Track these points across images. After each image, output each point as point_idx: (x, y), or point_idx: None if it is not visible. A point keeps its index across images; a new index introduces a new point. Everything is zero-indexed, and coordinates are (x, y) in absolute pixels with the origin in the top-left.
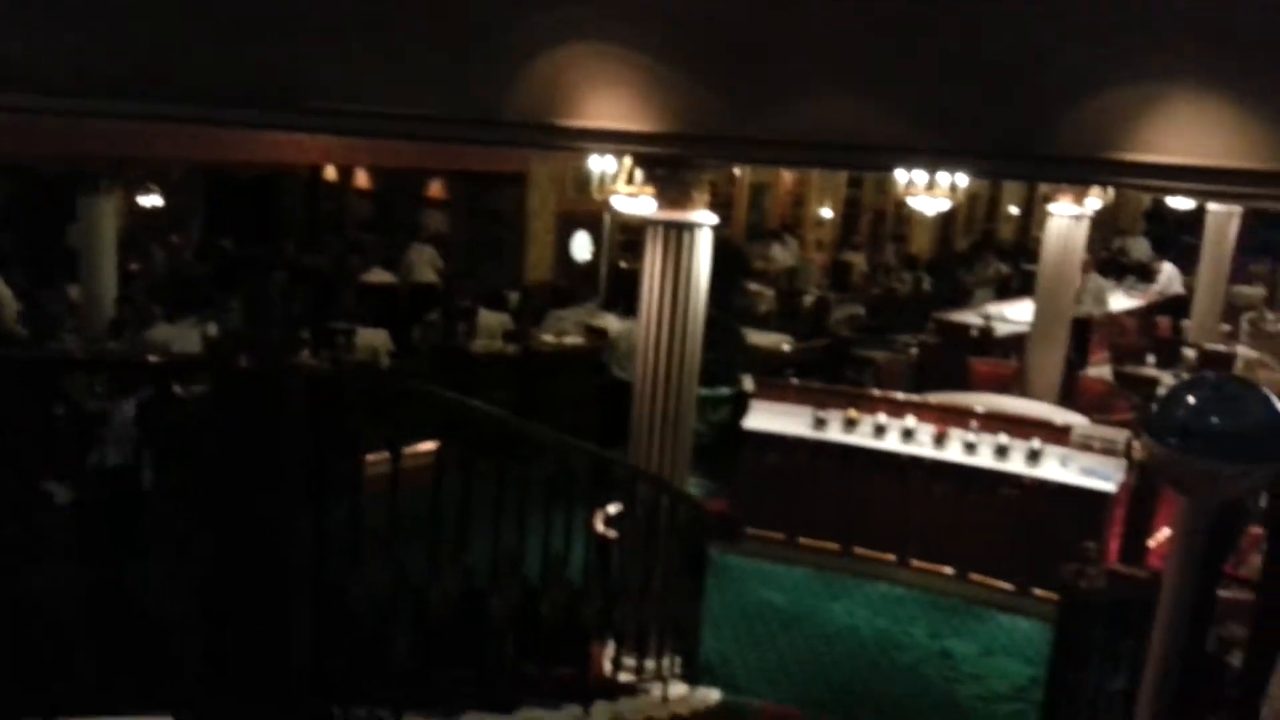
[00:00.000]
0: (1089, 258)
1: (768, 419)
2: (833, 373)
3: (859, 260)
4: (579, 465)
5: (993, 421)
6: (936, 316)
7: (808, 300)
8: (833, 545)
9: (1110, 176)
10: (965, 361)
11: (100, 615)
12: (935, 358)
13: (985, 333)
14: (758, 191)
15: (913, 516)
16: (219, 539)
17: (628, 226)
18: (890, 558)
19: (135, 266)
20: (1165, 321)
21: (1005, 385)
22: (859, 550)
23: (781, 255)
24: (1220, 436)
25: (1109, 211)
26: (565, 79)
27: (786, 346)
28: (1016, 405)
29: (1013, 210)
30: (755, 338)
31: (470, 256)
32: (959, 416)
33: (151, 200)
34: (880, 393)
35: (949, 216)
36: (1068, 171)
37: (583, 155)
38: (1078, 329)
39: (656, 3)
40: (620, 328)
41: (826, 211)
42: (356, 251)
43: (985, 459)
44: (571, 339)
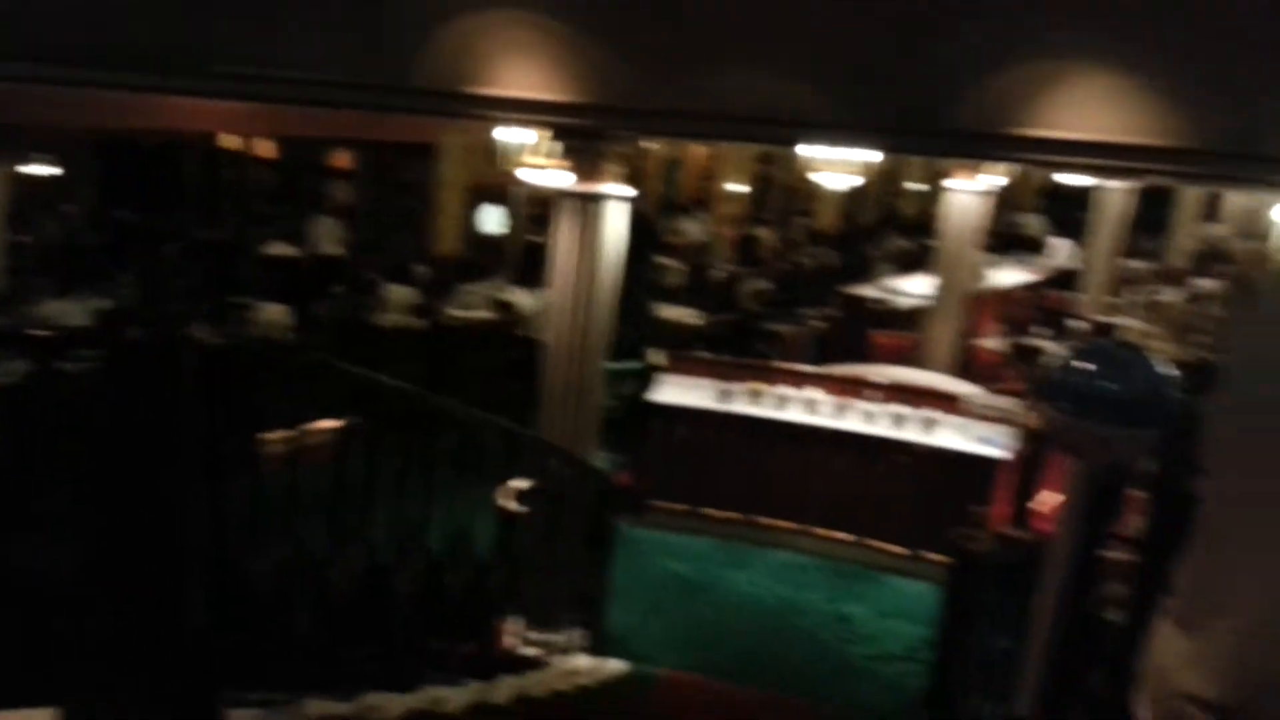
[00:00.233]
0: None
1: (675, 392)
2: (740, 346)
3: (768, 235)
4: (486, 439)
5: (892, 392)
6: (841, 290)
7: (717, 274)
8: (737, 515)
9: (1011, 152)
10: (867, 334)
11: None
12: (839, 331)
13: (886, 306)
14: (670, 164)
15: (814, 486)
16: (107, 517)
17: (539, 199)
18: (792, 526)
19: (25, 238)
20: (1056, 295)
21: (905, 357)
22: (762, 520)
23: (693, 229)
24: (1110, 401)
25: (1008, 188)
26: (478, 46)
27: (695, 320)
28: (915, 376)
29: (915, 187)
30: (664, 312)
31: (377, 229)
32: (859, 388)
33: (42, 169)
34: (785, 365)
35: (854, 191)
36: (970, 147)
37: (495, 125)
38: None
39: None
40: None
41: (736, 186)
42: (258, 223)
43: (884, 429)
44: (481, 313)
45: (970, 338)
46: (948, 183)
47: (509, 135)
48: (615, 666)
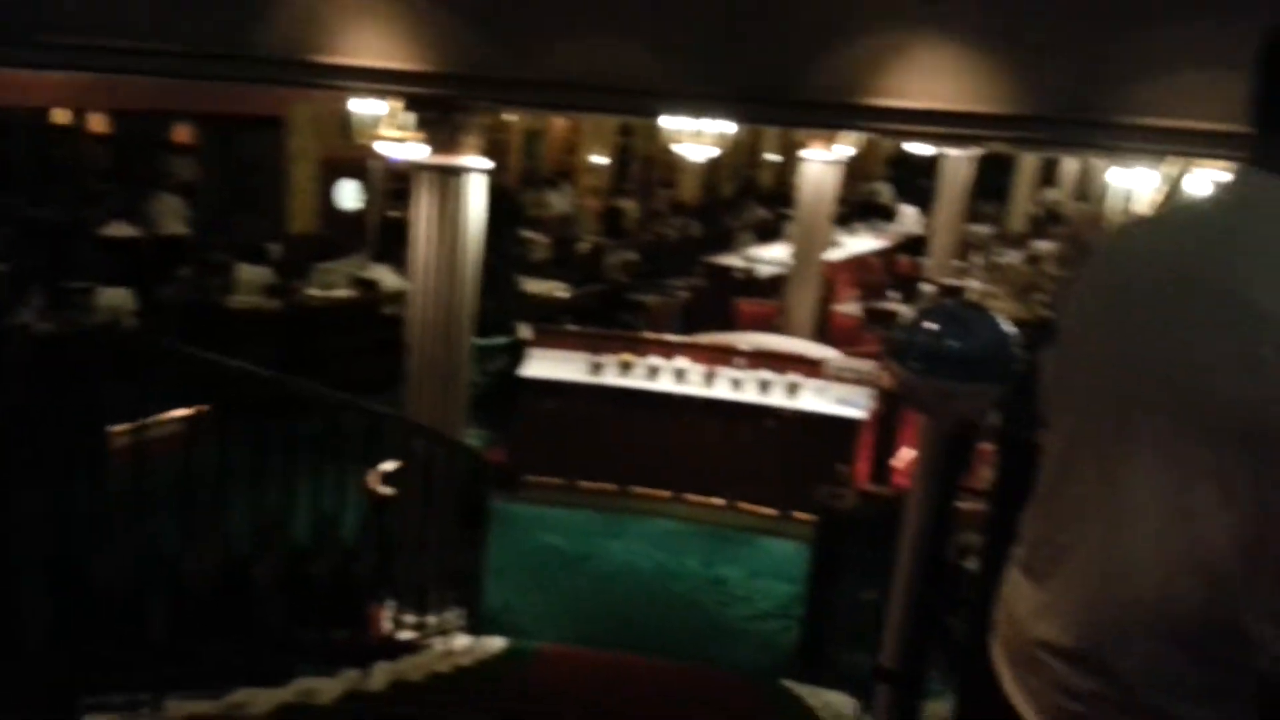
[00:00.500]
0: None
1: (545, 366)
2: (608, 318)
3: (631, 207)
4: (349, 422)
5: (756, 359)
6: (704, 260)
7: (582, 247)
8: (611, 486)
9: (860, 121)
10: (731, 303)
11: None
12: (704, 300)
13: (748, 275)
14: (531, 137)
15: (686, 453)
16: None
17: (398, 173)
18: (666, 494)
19: None
20: (907, 260)
21: (768, 324)
22: (636, 489)
23: (558, 202)
24: (956, 359)
25: (858, 158)
26: (323, 12)
27: (562, 293)
28: (777, 342)
29: (772, 157)
30: (531, 285)
31: (224, 207)
32: (726, 355)
33: None
34: (653, 336)
35: (714, 163)
36: (820, 117)
37: (345, 96)
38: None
39: None
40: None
41: (599, 158)
42: (93, 203)
43: (750, 394)
44: (341, 292)
45: (828, 303)
46: (803, 153)
47: (362, 107)
48: (494, 644)
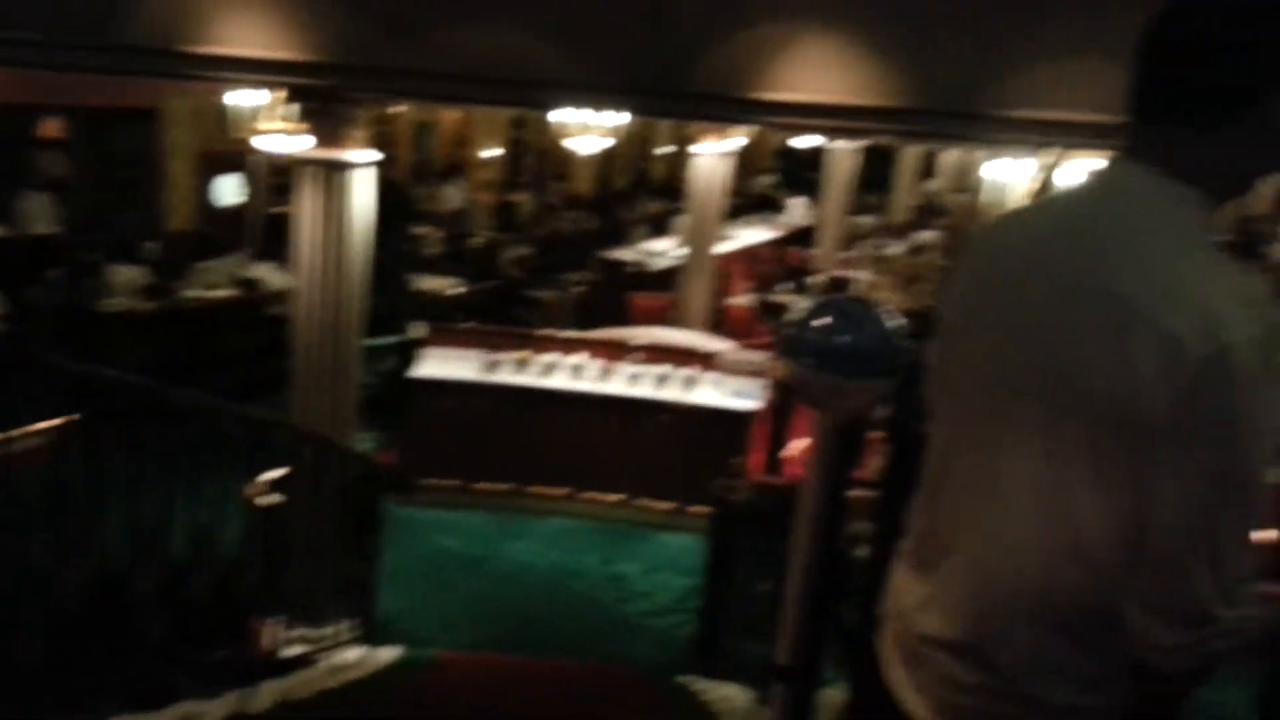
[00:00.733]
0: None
1: (439, 365)
2: (503, 314)
3: (525, 201)
4: (230, 429)
5: (652, 353)
6: (599, 254)
7: (476, 242)
8: (508, 486)
9: (749, 115)
10: (626, 297)
11: None
12: (599, 295)
13: (643, 268)
14: (421, 130)
15: (583, 450)
16: None
17: (280, 167)
18: (563, 492)
19: None
20: (796, 251)
21: (663, 318)
22: (533, 488)
23: (449, 196)
24: (846, 354)
25: (747, 151)
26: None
27: (456, 290)
28: (673, 336)
29: (664, 150)
30: (423, 282)
31: (97, 205)
32: (622, 351)
33: None
34: (549, 332)
35: (607, 156)
36: (710, 110)
37: (223, 88)
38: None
39: None
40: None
41: (491, 152)
42: None
43: (647, 389)
44: (222, 292)
45: (722, 296)
46: (694, 147)
47: (242, 98)
48: (388, 654)
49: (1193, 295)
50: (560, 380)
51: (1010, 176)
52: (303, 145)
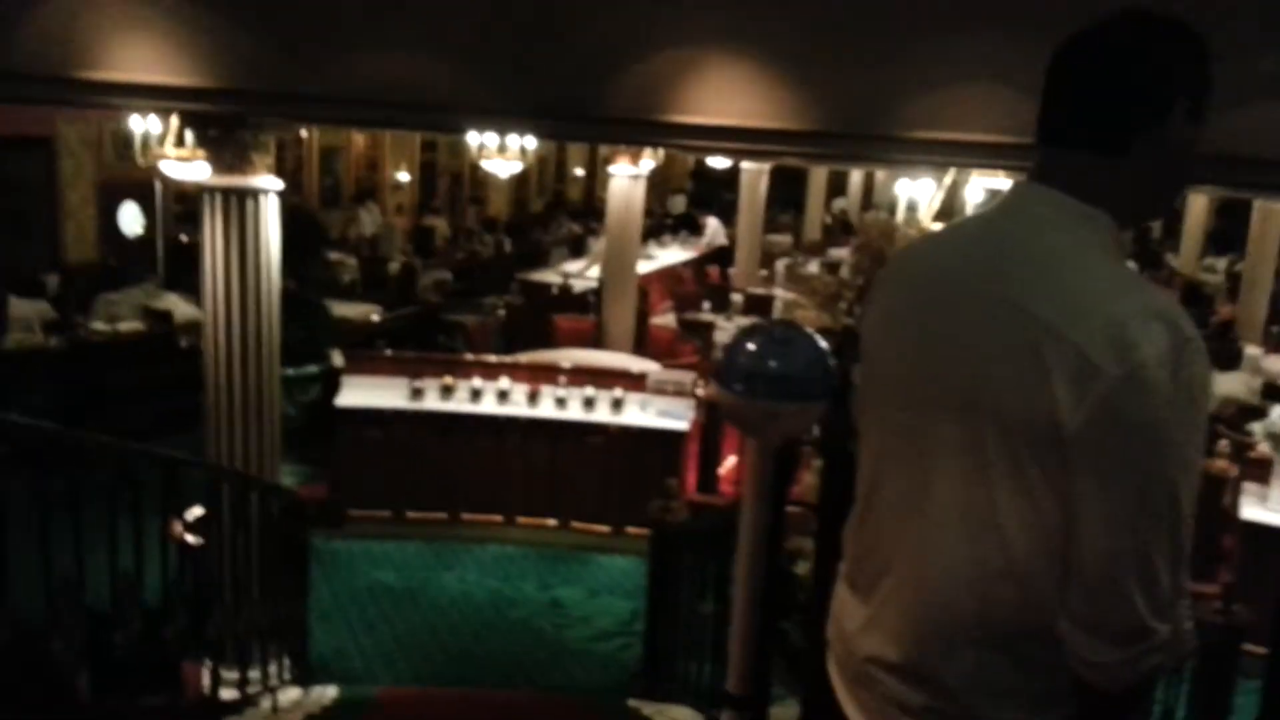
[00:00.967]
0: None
1: (362, 394)
2: (425, 340)
3: (441, 224)
4: (141, 471)
5: (579, 375)
6: (520, 277)
7: (393, 267)
8: (441, 515)
9: (658, 137)
10: (549, 319)
11: None
12: (522, 318)
13: (565, 290)
14: (329, 154)
15: (515, 475)
16: None
17: (185, 195)
18: (498, 519)
19: None
20: (715, 270)
21: (586, 339)
22: (467, 516)
23: (367, 221)
24: (777, 379)
25: (660, 171)
26: (87, 23)
27: (375, 316)
28: (598, 358)
29: (579, 172)
30: (341, 309)
31: None
32: (548, 373)
33: None
34: (473, 357)
35: (522, 178)
36: (620, 132)
37: (121, 114)
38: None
39: None
40: None
41: (403, 175)
42: None
43: (575, 412)
44: (129, 325)
45: (645, 316)
46: (611, 169)
47: (142, 124)
48: (326, 694)
49: (1103, 313)
50: (488, 405)
51: (917, 194)
52: (206, 172)
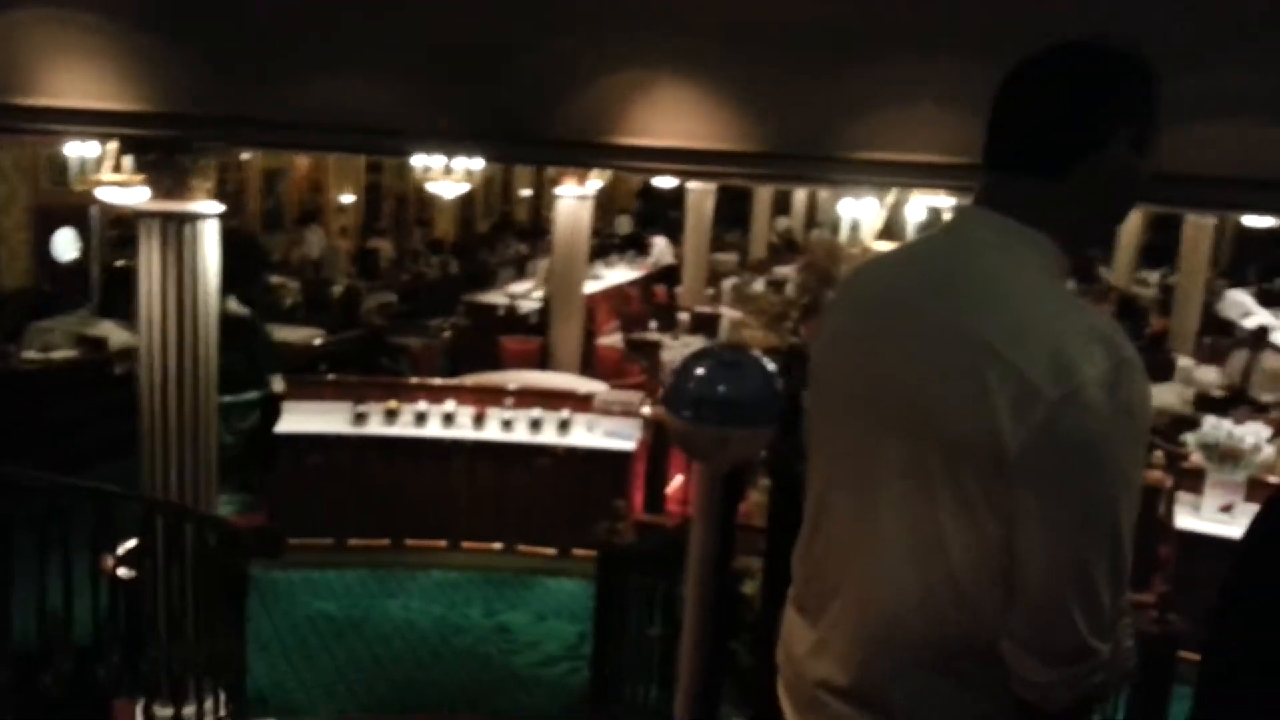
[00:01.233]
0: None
1: (303, 419)
2: (369, 363)
3: (386, 246)
4: (71, 504)
5: (525, 397)
6: (466, 299)
7: (337, 290)
8: (383, 542)
9: (604, 159)
10: (496, 341)
11: None
12: (468, 340)
13: (511, 311)
14: (271, 177)
15: (460, 499)
16: None
17: (122, 219)
18: (442, 544)
19: None
20: (661, 289)
21: (533, 360)
22: (411, 542)
23: (311, 243)
24: (727, 404)
25: (607, 191)
26: (20, 48)
27: (318, 340)
28: (545, 379)
29: (525, 193)
30: (283, 333)
31: None
32: (494, 395)
33: None
34: (418, 380)
35: (468, 200)
36: (565, 155)
37: (54, 140)
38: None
39: None
40: None
41: (347, 197)
42: None
43: (521, 434)
44: (62, 353)
45: (592, 336)
46: (558, 190)
47: (78, 149)
48: None
49: (1044, 335)
50: (432, 429)
51: (860, 213)
52: (141, 197)
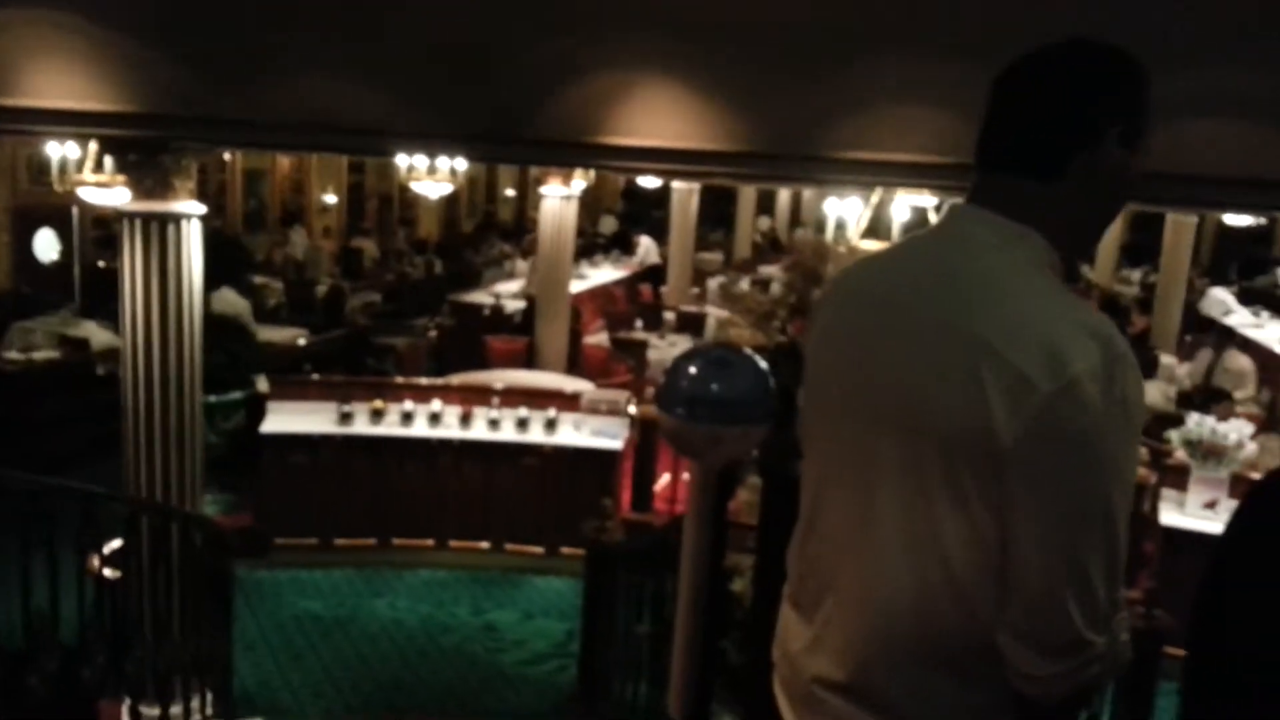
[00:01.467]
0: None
1: (288, 420)
2: (354, 363)
3: (369, 246)
4: (54, 505)
5: (512, 396)
6: (451, 298)
7: (321, 290)
8: (370, 541)
9: (589, 159)
10: (481, 340)
11: None
12: (453, 339)
13: (497, 311)
14: (254, 177)
15: (447, 499)
16: None
17: (104, 219)
18: (429, 543)
19: None
20: (647, 289)
21: (519, 360)
22: (398, 541)
23: (295, 244)
24: (720, 403)
25: (591, 191)
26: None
27: (302, 340)
28: (531, 378)
29: (510, 192)
30: (267, 333)
31: None
32: (481, 395)
33: None
34: (404, 379)
35: (452, 200)
36: (551, 155)
37: (34, 140)
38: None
39: None
40: None
41: (330, 197)
42: None
43: (508, 433)
44: (44, 353)
45: (578, 336)
46: (543, 189)
47: (59, 149)
48: None
49: (1039, 331)
50: (419, 428)
51: (846, 212)
52: (124, 197)
